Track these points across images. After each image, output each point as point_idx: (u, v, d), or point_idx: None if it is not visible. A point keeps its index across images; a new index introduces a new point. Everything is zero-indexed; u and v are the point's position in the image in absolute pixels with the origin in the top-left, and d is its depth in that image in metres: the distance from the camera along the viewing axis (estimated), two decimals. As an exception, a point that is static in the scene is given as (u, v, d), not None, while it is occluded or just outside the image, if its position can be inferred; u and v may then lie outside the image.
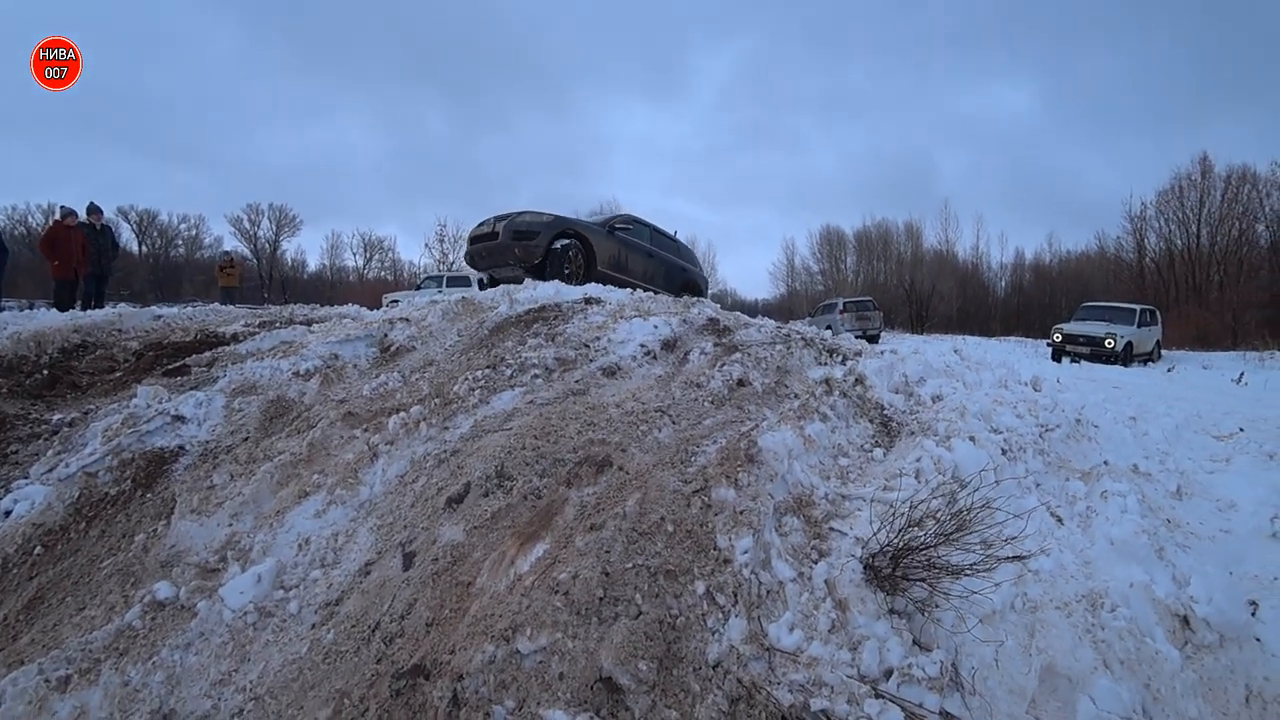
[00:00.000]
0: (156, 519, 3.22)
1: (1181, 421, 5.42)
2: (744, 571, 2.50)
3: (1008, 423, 4.00)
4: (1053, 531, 3.18)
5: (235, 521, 3.12)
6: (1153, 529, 3.24)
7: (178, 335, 5.68)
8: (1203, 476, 4.21)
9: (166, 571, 2.86)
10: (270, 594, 2.69)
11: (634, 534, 2.57)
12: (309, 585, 2.74)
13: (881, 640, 2.26)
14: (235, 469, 3.48)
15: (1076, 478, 3.78)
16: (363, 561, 2.82)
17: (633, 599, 2.32)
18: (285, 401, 4.14)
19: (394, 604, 2.51)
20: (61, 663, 2.45)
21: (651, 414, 3.67)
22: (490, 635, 2.17)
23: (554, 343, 4.75)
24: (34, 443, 4.02)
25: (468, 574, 2.55)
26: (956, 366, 5.11)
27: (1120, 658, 2.49)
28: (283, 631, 2.56)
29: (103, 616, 2.70)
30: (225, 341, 5.45)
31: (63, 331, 5.45)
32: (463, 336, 5.14)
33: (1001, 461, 3.53)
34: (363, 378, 4.55)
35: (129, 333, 5.84)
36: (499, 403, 3.91)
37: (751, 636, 2.29)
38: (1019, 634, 2.48)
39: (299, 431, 3.80)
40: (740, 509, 2.76)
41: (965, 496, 2.59)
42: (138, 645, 2.53)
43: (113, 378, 4.89)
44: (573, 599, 2.27)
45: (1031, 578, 2.75)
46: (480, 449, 3.32)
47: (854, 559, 2.56)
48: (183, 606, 2.68)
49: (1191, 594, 2.76)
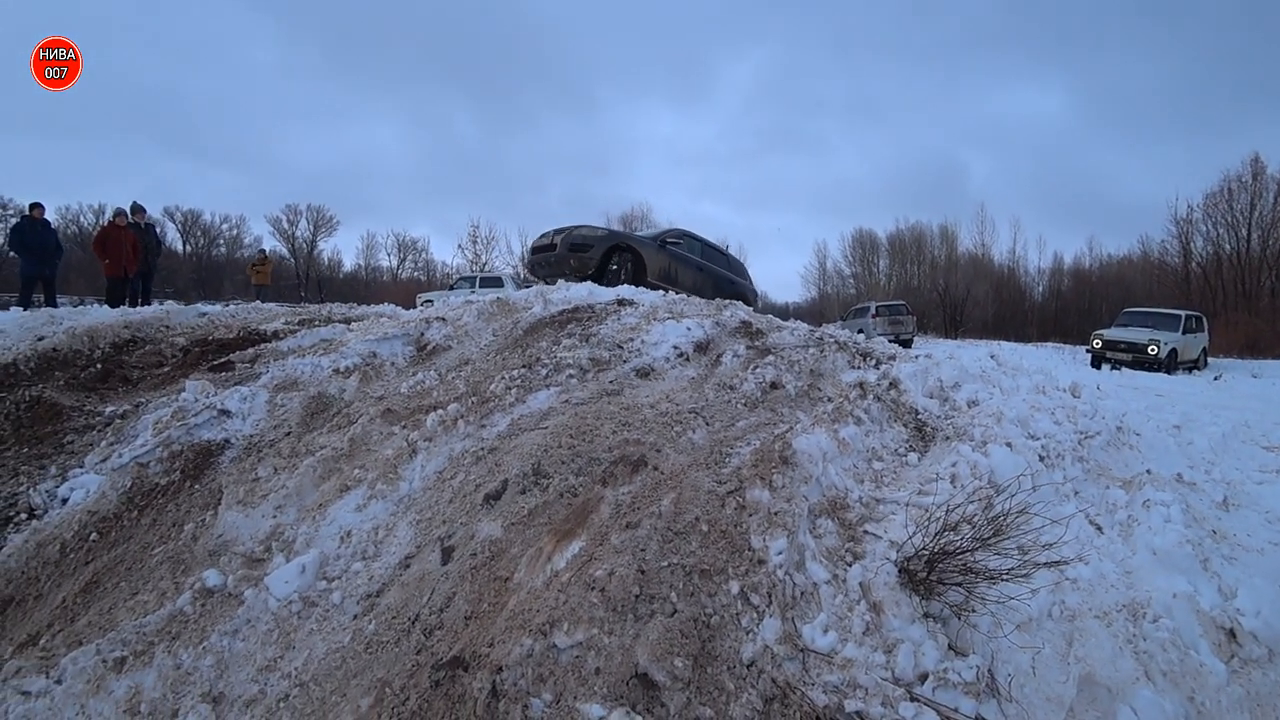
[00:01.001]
0: (204, 509, 3.33)
1: (1229, 431, 5.26)
2: (778, 572, 2.51)
3: (1046, 429, 3.93)
4: (1092, 540, 3.12)
5: (279, 513, 3.21)
6: (1197, 539, 3.15)
7: (221, 332, 5.87)
8: (1251, 487, 4.09)
9: (215, 560, 2.96)
10: (314, 584, 2.77)
11: (669, 533, 2.59)
12: (351, 577, 2.82)
13: (916, 644, 2.25)
14: (279, 462, 3.59)
15: (1117, 486, 3.70)
16: (403, 555, 2.88)
17: (668, 597, 2.34)
18: (326, 398, 4.25)
19: (433, 597, 2.57)
20: (117, 644, 2.56)
21: (685, 415, 3.69)
22: (528, 629, 2.21)
23: (588, 343, 4.79)
24: (88, 433, 4.20)
25: (505, 569, 2.60)
26: (993, 372, 5.03)
27: (1163, 669, 2.44)
28: (326, 621, 2.63)
29: (155, 601, 2.81)
30: (267, 339, 5.61)
31: (114, 327, 5.67)
32: (498, 336, 5.22)
33: (1039, 468, 3.47)
34: (400, 376, 4.65)
35: (176, 329, 6.04)
36: (535, 402, 3.97)
37: (786, 637, 2.30)
38: (1057, 641, 2.44)
39: (339, 427, 3.90)
40: (774, 510, 2.77)
41: (1002, 502, 2.56)
42: (189, 630, 2.63)
43: (161, 372, 5.07)
44: (609, 595, 2.30)
45: (1070, 586, 2.71)
46: (517, 447, 3.37)
47: (889, 562, 2.55)
48: (230, 594, 2.77)
49: (1239, 606, 2.69)
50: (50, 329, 5.54)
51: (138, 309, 7.19)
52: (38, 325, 5.65)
